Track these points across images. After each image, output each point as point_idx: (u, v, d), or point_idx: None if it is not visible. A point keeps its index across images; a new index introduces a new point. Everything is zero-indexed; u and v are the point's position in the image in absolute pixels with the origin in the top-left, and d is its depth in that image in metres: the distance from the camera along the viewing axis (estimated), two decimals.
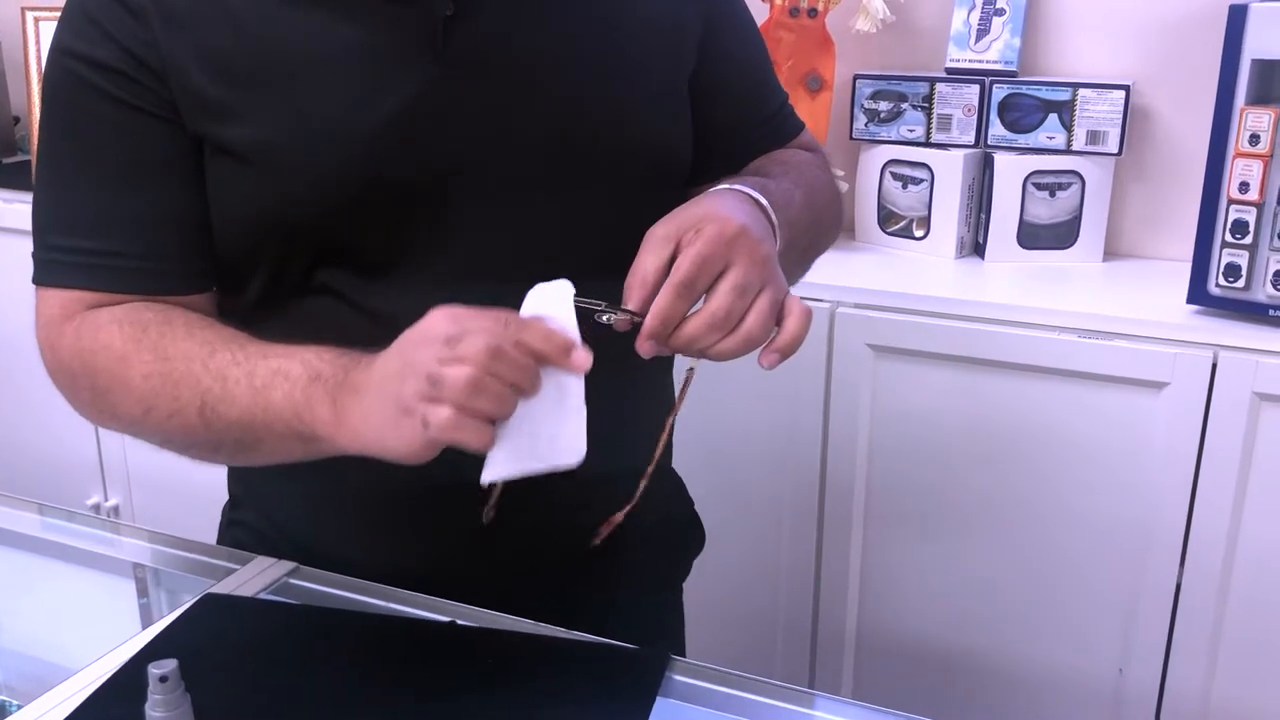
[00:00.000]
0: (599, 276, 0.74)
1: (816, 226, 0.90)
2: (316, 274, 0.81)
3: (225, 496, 1.03)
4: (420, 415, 0.63)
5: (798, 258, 0.86)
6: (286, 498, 0.94)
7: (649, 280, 0.70)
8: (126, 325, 0.78)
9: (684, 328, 0.70)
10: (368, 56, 0.78)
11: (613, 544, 0.94)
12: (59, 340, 0.80)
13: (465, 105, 0.79)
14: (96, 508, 2.06)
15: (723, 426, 1.50)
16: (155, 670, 0.57)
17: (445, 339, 0.64)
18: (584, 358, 0.65)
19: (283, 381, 0.72)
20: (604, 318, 0.70)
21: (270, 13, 0.78)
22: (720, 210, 0.72)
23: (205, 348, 0.75)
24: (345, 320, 0.80)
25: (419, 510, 0.88)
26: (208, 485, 1.03)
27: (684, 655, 1.03)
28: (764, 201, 0.78)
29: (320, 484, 0.90)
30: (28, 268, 0.84)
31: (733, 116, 0.94)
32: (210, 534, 1.02)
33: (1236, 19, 1.25)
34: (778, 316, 0.72)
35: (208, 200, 0.81)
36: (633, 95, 0.85)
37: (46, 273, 0.82)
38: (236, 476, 0.99)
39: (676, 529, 1.04)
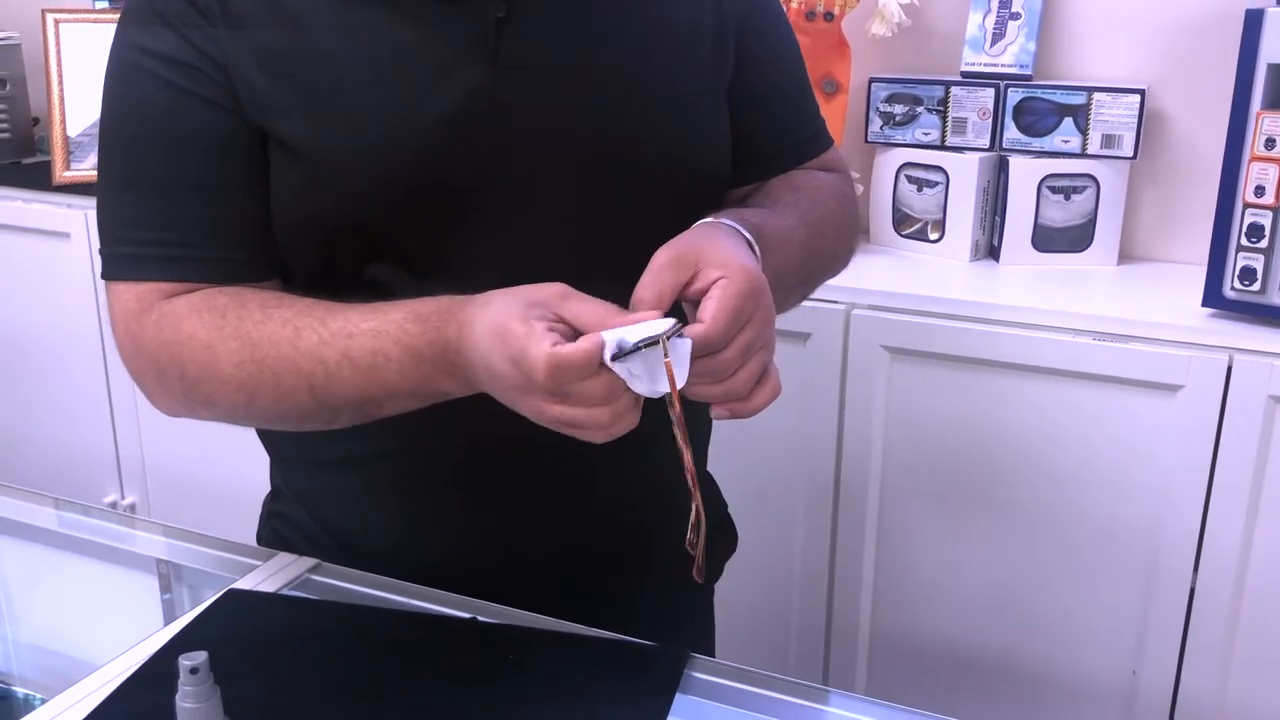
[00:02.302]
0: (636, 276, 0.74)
1: (813, 264, 0.90)
2: (367, 269, 0.82)
3: (243, 493, 1.04)
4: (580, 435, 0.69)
5: (782, 296, 0.86)
6: (328, 491, 0.95)
7: (664, 298, 0.71)
8: (205, 314, 0.78)
9: None
10: (419, 57, 0.79)
11: (645, 544, 0.95)
12: (141, 333, 0.81)
13: (514, 108, 0.80)
14: (114, 505, 2.07)
15: (737, 427, 1.50)
16: (186, 662, 0.58)
17: (544, 393, 0.67)
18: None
19: (385, 363, 0.74)
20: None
21: (324, 13, 0.79)
22: (741, 257, 0.73)
23: (288, 328, 0.76)
24: None
25: (462, 506, 0.89)
26: (225, 483, 1.04)
27: (713, 654, 1.04)
28: (755, 249, 0.78)
29: (365, 479, 0.91)
30: (52, 267, 0.84)
31: (761, 126, 0.93)
32: (228, 531, 1.02)
33: (1253, 23, 1.25)
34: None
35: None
36: (679, 102, 0.86)
37: (118, 266, 0.82)
38: (278, 469, 1.00)
39: (709, 530, 1.04)
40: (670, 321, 0.68)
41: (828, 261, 0.94)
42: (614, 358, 0.66)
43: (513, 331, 0.67)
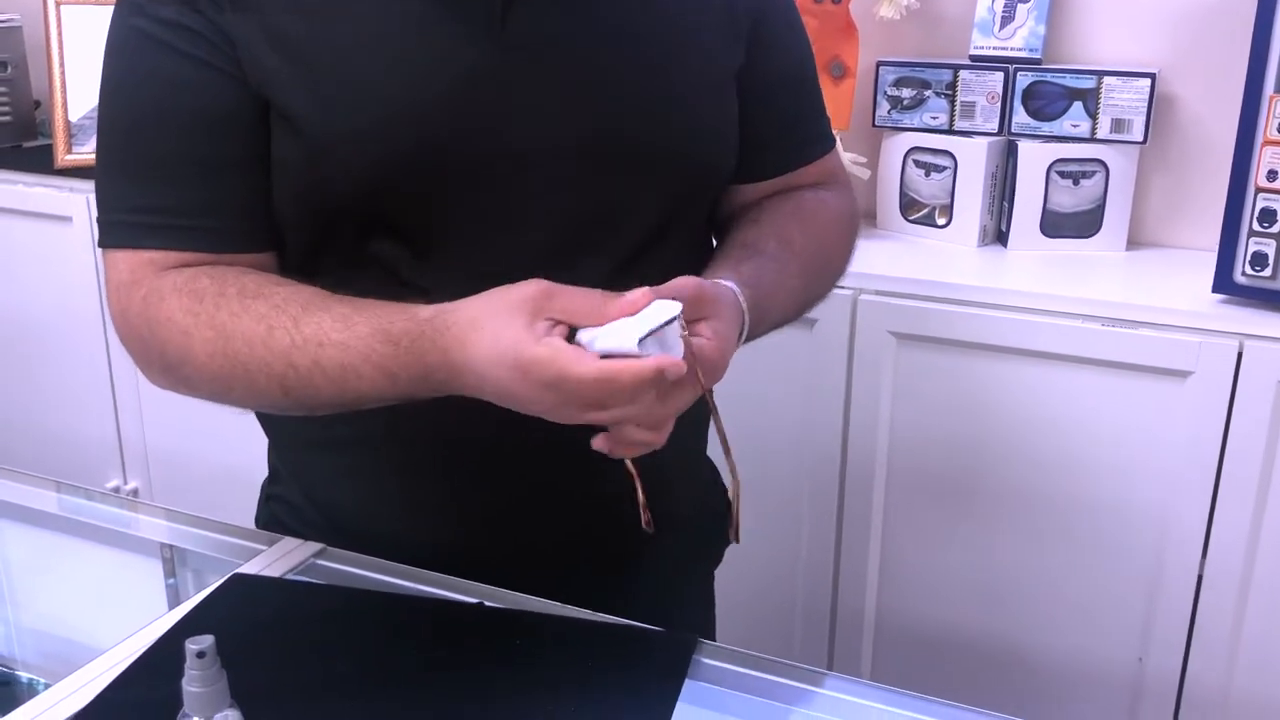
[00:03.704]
0: (637, 265, 0.74)
1: (803, 307, 0.92)
2: (366, 244, 0.82)
3: (245, 479, 1.03)
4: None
5: (764, 333, 0.87)
6: (326, 473, 0.94)
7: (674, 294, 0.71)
8: (186, 296, 0.77)
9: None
10: (426, 34, 0.78)
11: (644, 532, 0.94)
12: (129, 306, 0.80)
13: (519, 88, 0.79)
14: (116, 490, 2.07)
15: (745, 413, 1.50)
16: (193, 645, 0.57)
17: (579, 406, 0.68)
18: (677, 368, 0.68)
19: (357, 378, 0.73)
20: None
21: None
22: (729, 346, 0.75)
23: (262, 325, 0.75)
24: (392, 293, 0.79)
25: (460, 490, 0.89)
26: (228, 468, 1.04)
27: (714, 640, 1.04)
28: (745, 322, 0.79)
29: (363, 461, 0.90)
30: (53, 251, 0.83)
31: (769, 124, 0.93)
32: (230, 515, 1.02)
33: (1266, 6, 1.24)
34: None
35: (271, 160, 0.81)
36: (686, 92, 0.85)
37: (112, 235, 0.81)
38: (276, 451, 1.00)
39: (710, 517, 1.04)
40: (676, 304, 0.69)
41: (813, 304, 0.95)
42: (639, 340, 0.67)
43: (537, 358, 0.67)
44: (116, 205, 0.81)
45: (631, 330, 0.67)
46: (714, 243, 0.95)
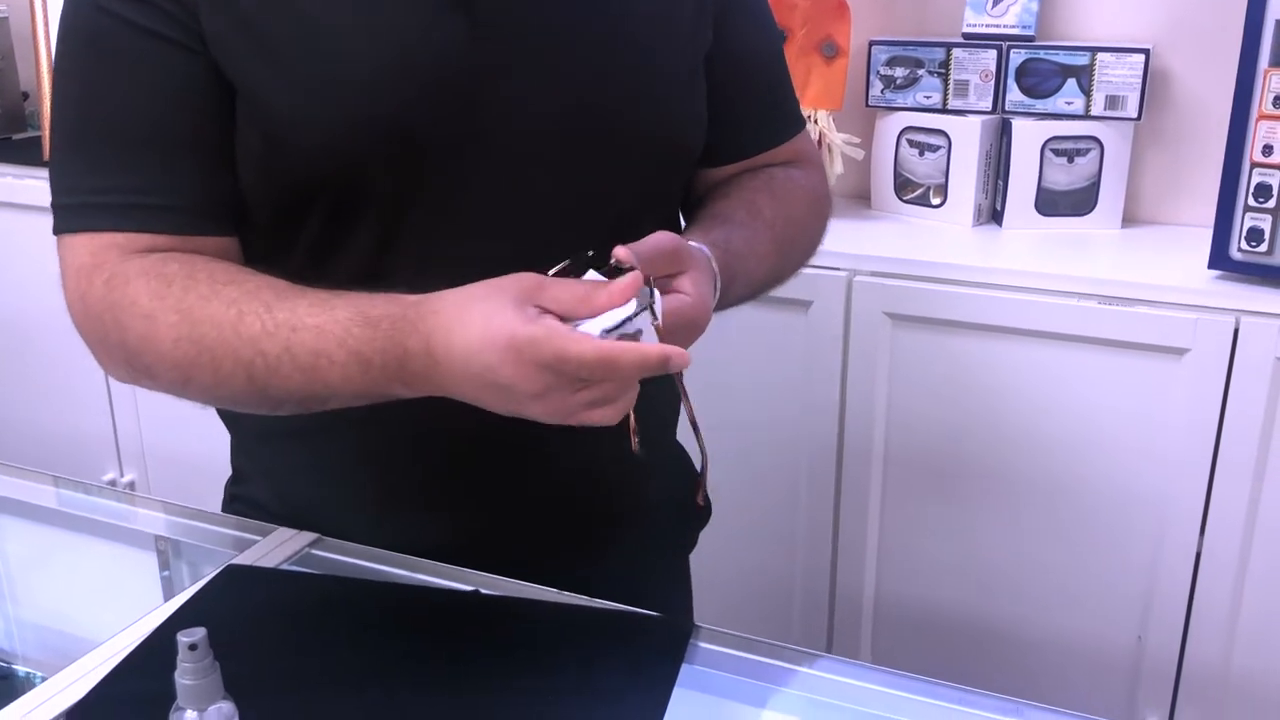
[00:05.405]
0: (605, 247, 0.73)
1: (770, 283, 0.92)
2: (333, 232, 0.80)
3: None
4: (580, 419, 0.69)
5: (737, 300, 0.87)
6: (297, 473, 0.93)
7: (641, 257, 0.71)
8: (152, 280, 0.75)
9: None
10: (393, 11, 0.77)
11: (617, 518, 0.94)
12: (89, 290, 0.77)
13: (491, 65, 0.78)
14: (112, 484, 2.06)
15: (740, 395, 1.50)
16: (184, 638, 0.57)
17: (572, 387, 0.66)
18: (681, 359, 0.67)
19: (329, 364, 0.70)
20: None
21: None
22: (708, 302, 0.76)
23: (232, 311, 0.73)
24: (361, 283, 0.77)
25: (429, 486, 0.88)
26: (223, 460, 1.03)
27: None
28: (716, 284, 0.79)
29: (333, 458, 0.89)
30: (45, 243, 0.81)
31: (739, 105, 0.93)
32: None
33: None
34: None
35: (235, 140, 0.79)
36: (662, 73, 0.85)
37: (71, 218, 0.78)
38: (241, 449, 0.98)
39: (681, 502, 1.03)
40: (645, 290, 0.69)
41: (786, 275, 0.95)
42: (611, 330, 0.67)
43: (533, 337, 0.65)
44: (73, 187, 0.78)
45: (623, 312, 0.67)
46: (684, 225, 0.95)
